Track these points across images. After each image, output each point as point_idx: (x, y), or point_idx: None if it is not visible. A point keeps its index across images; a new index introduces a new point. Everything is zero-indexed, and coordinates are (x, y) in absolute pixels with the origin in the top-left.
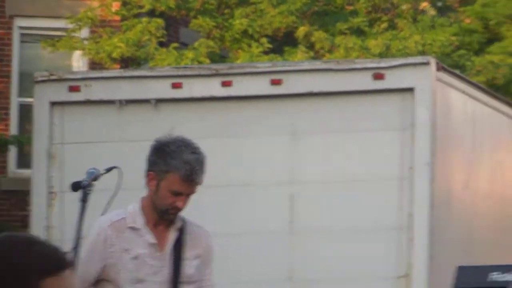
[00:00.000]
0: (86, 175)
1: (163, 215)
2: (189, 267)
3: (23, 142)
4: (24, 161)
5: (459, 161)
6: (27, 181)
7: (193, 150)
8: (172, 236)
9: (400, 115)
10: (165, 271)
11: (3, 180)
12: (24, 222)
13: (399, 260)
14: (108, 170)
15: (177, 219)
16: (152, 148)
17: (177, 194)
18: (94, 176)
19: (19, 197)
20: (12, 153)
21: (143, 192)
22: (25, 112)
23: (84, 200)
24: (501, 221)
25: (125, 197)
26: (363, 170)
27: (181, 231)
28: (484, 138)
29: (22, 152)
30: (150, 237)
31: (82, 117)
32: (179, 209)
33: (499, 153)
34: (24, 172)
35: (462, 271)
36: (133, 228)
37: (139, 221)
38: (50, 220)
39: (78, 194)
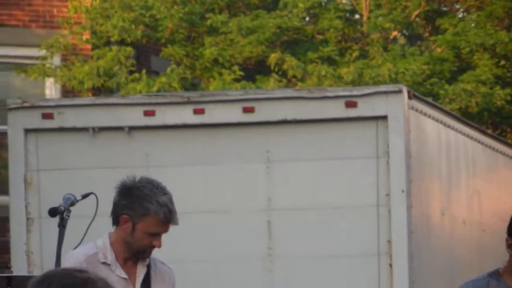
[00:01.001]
0: (63, 200)
1: (138, 254)
2: None
3: None
4: (1, 188)
5: (435, 188)
6: (5, 207)
7: (164, 191)
8: (141, 271)
9: (375, 143)
10: None
11: None
12: (4, 248)
13: (380, 286)
14: (85, 196)
15: None
16: (120, 191)
17: (154, 235)
18: (71, 202)
19: None
20: None
21: None
22: None
23: (62, 225)
24: (479, 247)
25: (99, 223)
26: (340, 197)
27: (148, 267)
28: (460, 166)
29: None
30: (121, 272)
31: (56, 144)
32: (153, 249)
33: (476, 181)
34: (1, 198)
35: None
36: (105, 264)
37: (109, 256)
38: (29, 245)
39: (56, 220)
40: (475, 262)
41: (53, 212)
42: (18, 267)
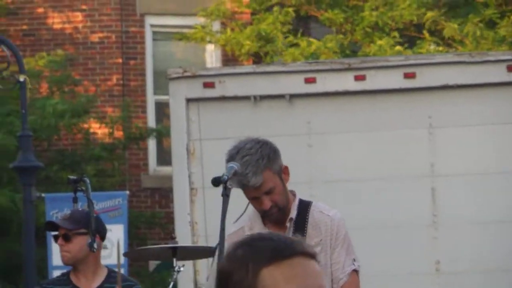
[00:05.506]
0: (226, 170)
1: (265, 218)
2: None
3: (162, 133)
4: (164, 158)
5: None
6: (167, 177)
7: (243, 154)
8: (288, 231)
9: None
10: None
11: (145, 177)
12: (168, 219)
13: None
14: None
15: (291, 212)
16: None
17: (253, 198)
18: (234, 171)
19: (161, 194)
20: (152, 150)
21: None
22: (161, 109)
23: (226, 194)
24: None
25: None
26: (504, 161)
27: (301, 223)
28: None
29: (161, 149)
30: None
31: (217, 113)
32: (268, 210)
33: None
34: (164, 169)
35: None
36: None
37: (257, 225)
38: (193, 216)
39: (219, 189)
40: None
41: (216, 182)
42: (183, 237)
